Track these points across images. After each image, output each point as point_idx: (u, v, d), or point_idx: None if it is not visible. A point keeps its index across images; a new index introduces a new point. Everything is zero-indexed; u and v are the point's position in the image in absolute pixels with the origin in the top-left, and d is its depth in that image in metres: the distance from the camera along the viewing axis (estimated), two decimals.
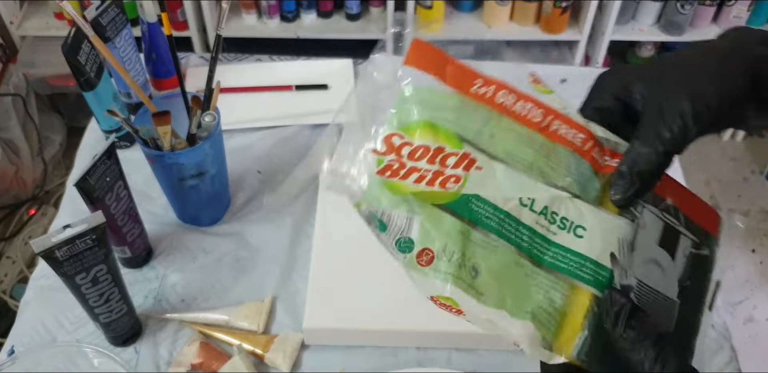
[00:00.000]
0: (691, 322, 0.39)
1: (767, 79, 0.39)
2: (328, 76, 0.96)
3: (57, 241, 0.56)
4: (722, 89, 0.37)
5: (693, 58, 0.40)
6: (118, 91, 0.84)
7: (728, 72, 0.38)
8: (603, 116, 0.41)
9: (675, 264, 0.40)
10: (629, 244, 0.39)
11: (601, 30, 1.72)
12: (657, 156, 0.37)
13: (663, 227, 0.40)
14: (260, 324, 0.69)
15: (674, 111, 0.37)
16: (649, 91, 0.39)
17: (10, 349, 0.69)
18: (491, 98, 0.39)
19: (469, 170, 0.37)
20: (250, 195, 0.82)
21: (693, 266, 0.40)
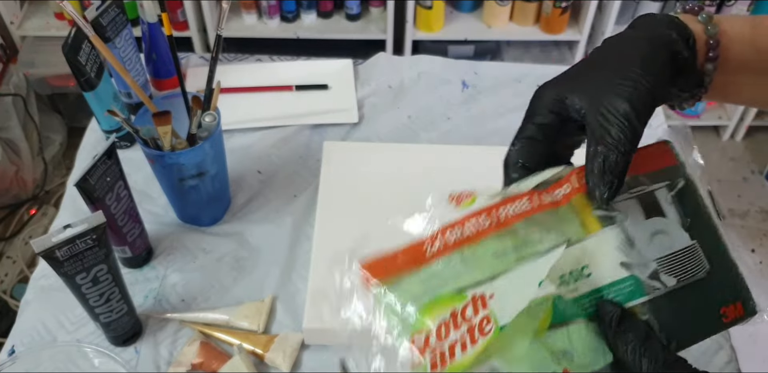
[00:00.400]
0: (716, 246, 0.41)
1: (683, 60, 0.42)
2: (328, 76, 0.96)
3: (57, 241, 0.56)
4: (653, 83, 0.39)
5: (616, 56, 0.42)
6: (118, 91, 0.84)
7: (654, 63, 0.41)
8: (545, 132, 0.43)
9: (670, 218, 0.41)
10: (628, 243, 0.39)
11: (601, 30, 1.72)
12: (621, 156, 0.39)
13: (638, 202, 0.41)
14: (260, 324, 0.69)
15: (617, 115, 0.39)
16: (585, 102, 0.41)
17: (11, 349, 0.69)
18: (446, 246, 0.40)
19: (488, 304, 0.37)
20: (251, 195, 0.82)
21: (683, 203, 0.41)
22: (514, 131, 0.87)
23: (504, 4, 1.67)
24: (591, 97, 0.40)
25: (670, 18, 0.45)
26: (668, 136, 0.96)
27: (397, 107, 0.92)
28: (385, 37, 1.70)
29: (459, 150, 0.84)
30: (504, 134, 0.90)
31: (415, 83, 0.96)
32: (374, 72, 0.97)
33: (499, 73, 0.98)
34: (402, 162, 0.81)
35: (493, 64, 1.00)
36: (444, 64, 0.98)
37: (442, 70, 0.98)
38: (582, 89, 0.41)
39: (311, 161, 0.86)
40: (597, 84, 0.41)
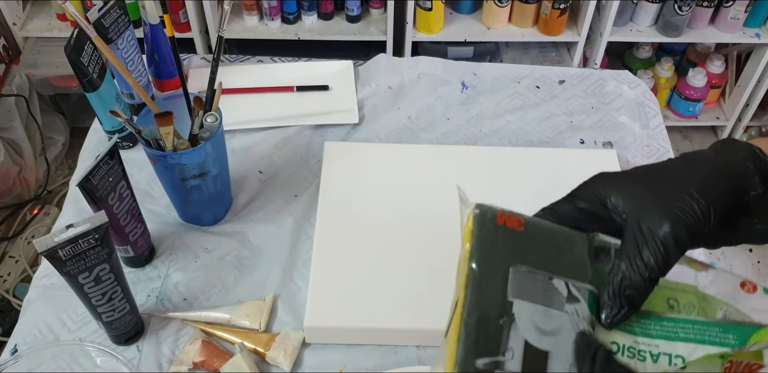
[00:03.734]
0: None
1: (755, 196, 0.38)
2: (329, 77, 0.97)
3: (60, 240, 0.57)
4: (707, 212, 0.37)
5: (680, 172, 0.39)
6: (120, 92, 0.84)
7: (714, 191, 0.37)
8: (576, 216, 0.41)
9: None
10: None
11: (599, 31, 1.73)
12: (644, 282, 0.37)
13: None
14: (262, 323, 0.70)
15: (656, 237, 0.37)
16: (629, 209, 0.38)
17: (13, 348, 0.69)
18: None
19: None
20: (252, 195, 0.82)
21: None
22: (513, 131, 0.89)
23: (503, 5, 1.68)
24: (636, 206, 0.38)
25: (751, 148, 0.41)
26: (668, 137, 0.96)
27: (397, 108, 0.93)
28: (385, 39, 1.71)
29: (459, 150, 0.85)
30: (503, 135, 0.91)
31: (415, 84, 0.96)
32: (374, 73, 0.97)
33: (498, 74, 0.99)
34: (402, 162, 0.82)
35: (493, 66, 1.00)
36: (444, 66, 0.99)
37: (442, 71, 0.98)
38: (631, 195, 0.39)
39: (312, 161, 0.86)
40: (647, 194, 0.38)
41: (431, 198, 0.78)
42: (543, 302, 0.38)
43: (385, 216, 0.76)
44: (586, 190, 0.41)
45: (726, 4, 1.69)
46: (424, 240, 0.74)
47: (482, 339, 0.37)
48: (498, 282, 0.38)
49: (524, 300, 0.38)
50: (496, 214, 0.41)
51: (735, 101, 1.89)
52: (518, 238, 0.40)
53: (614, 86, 0.97)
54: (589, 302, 0.39)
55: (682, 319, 0.40)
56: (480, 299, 0.38)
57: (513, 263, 0.39)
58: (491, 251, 0.39)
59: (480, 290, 0.38)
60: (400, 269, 0.71)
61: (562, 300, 0.39)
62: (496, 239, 0.40)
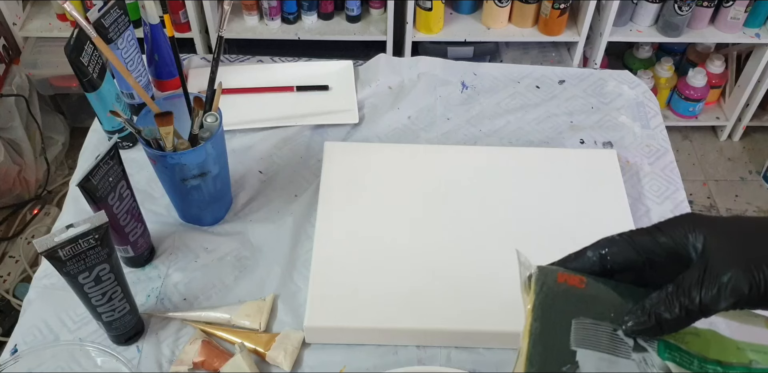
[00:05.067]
0: None
1: None
2: (329, 77, 0.97)
3: (60, 240, 0.57)
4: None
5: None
6: (120, 92, 0.84)
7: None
8: (652, 250, 0.41)
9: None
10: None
11: (599, 31, 1.73)
12: (680, 311, 0.38)
13: None
14: (261, 323, 0.70)
15: (717, 278, 0.37)
16: (707, 248, 0.38)
17: (13, 348, 0.69)
18: None
19: None
20: (252, 195, 0.82)
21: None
22: (513, 131, 0.89)
23: (503, 5, 1.68)
24: (714, 248, 0.38)
25: None
26: (668, 137, 0.96)
27: (397, 108, 0.93)
28: (385, 39, 1.71)
29: (459, 150, 0.85)
30: (503, 135, 0.91)
31: (414, 84, 0.96)
32: (374, 73, 0.97)
33: (498, 74, 0.99)
34: (402, 162, 0.82)
35: (493, 66, 1.00)
36: (443, 66, 0.99)
37: (442, 71, 0.98)
38: (715, 237, 0.39)
39: (312, 161, 0.86)
40: (730, 242, 0.38)
41: (431, 198, 0.78)
42: (608, 350, 0.39)
43: (385, 216, 0.76)
44: (672, 224, 0.41)
45: (726, 4, 1.69)
46: (424, 240, 0.74)
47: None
48: (561, 334, 0.40)
49: (588, 349, 0.39)
50: (557, 274, 0.42)
51: (735, 101, 1.89)
52: (580, 293, 0.41)
53: (614, 86, 0.97)
54: (659, 350, 0.40)
55: (746, 367, 0.40)
56: (543, 350, 0.39)
57: (576, 316, 0.40)
58: (553, 306, 0.41)
59: (542, 342, 0.39)
60: (400, 269, 0.71)
61: (629, 349, 0.40)
62: (558, 295, 0.41)
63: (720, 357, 0.41)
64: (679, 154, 1.96)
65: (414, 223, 0.76)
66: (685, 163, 1.95)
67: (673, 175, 0.85)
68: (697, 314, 0.38)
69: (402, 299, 0.69)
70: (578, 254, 0.44)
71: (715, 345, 0.41)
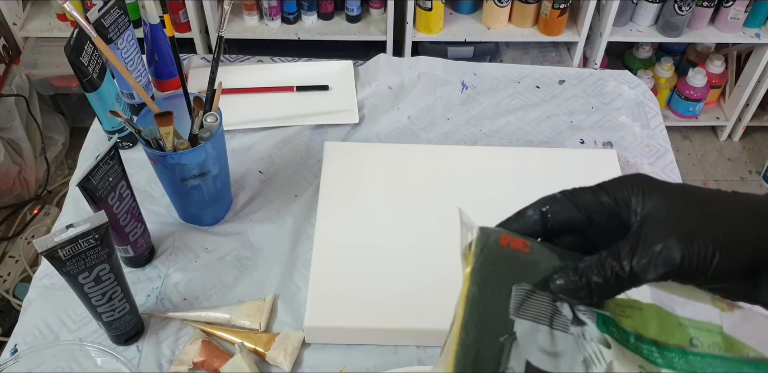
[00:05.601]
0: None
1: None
2: (329, 77, 0.97)
3: (60, 240, 0.57)
4: (711, 253, 0.35)
5: (715, 205, 0.37)
6: (120, 92, 0.84)
7: (738, 237, 0.36)
8: (593, 208, 0.39)
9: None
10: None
11: (599, 31, 1.73)
12: (610, 277, 0.36)
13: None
14: (261, 323, 0.70)
15: (651, 248, 0.36)
16: (648, 215, 0.37)
17: (13, 348, 0.69)
18: None
19: None
20: (252, 195, 0.82)
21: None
22: (513, 131, 0.88)
23: (503, 5, 1.68)
24: (655, 216, 0.36)
25: None
26: (668, 137, 0.96)
27: (397, 108, 0.93)
28: (385, 39, 1.71)
29: (459, 150, 0.85)
30: (503, 135, 0.91)
31: (414, 84, 0.96)
32: (374, 73, 0.97)
33: (498, 74, 0.99)
34: (402, 162, 0.82)
35: (492, 65, 1.00)
36: (443, 66, 0.99)
37: (442, 71, 0.98)
38: (656, 205, 0.37)
39: (312, 161, 0.86)
40: (672, 211, 0.36)
41: (431, 198, 0.78)
42: (547, 322, 0.37)
43: (385, 216, 0.76)
44: (616, 184, 0.39)
45: (726, 4, 1.69)
46: (424, 240, 0.74)
47: (480, 357, 0.36)
48: (499, 301, 0.38)
49: (526, 319, 0.37)
50: (500, 236, 0.40)
51: (735, 101, 1.89)
52: (523, 259, 0.39)
53: (614, 86, 0.97)
54: (598, 323, 0.38)
55: (710, 354, 0.38)
56: (479, 318, 0.37)
57: (517, 282, 0.38)
58: (493, 271, 0.39)
59: (479, 310, 0.37)
60: (400, 269, 0.71)
61: (567, 323, 0.38)
62: (499, 260, 0.39)
63: (659, 336, 0.39)
64: (679, 154, 1.96)
65: (414, 223, 0.76)
66: (685, 163, 1.95)
67: (673, 175, 0.85)
68: (627, 282, 0.36)
69: (402, 299, 0.69)
70: (519, 213, 0.41)
71: (656, 321, 0.39)
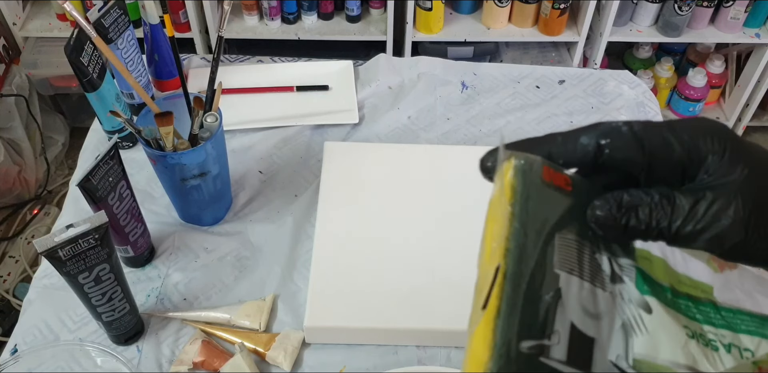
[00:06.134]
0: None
1: None
2: (329, 77, 0.97)
3: (60, 240, 0.57)
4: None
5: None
6: (120, 92, 0.84)
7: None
8: (654, 153, 0.33)
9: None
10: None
11: (599, 31, 1.73)
12: (655, 237, 0.32)
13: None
14: (261, 323, 0.70)
15: (718, 211, 0.31)
16: (724, 184, 0.32)
17: (13, 348, 0.69)
18: None
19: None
20: (252, 195, 0.82)
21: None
22: (513, 131, 0.89)
23: (503, 5, 1.68)
24: (735, 182, 0.32)
25: None
26: None
27: (397, 108, 0.93)
28: (385, 39, 1.71)
29: (459, 150, 0.85)
30: (503, 135, 0.91)
31: (414, 84, 0.96)
32: (374, 73, 0.97)
33: (498, 74, 0.99)
34: (402, 162, 0.82)
35: (492, 65, 1.00)
36: (443, 66, 0.99)
37: (442, 71, 0.98)
38: (745, 168, 0.32)
39: (312, 161, 0.86)
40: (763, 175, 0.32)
41: (431, 198, 0.78)
42: (589, 278, 0.32)
43: (385, 216, 0.76)
44: (692, 133, 0.33)
45: (726, 4, 1.69)
46: (423, 240, 0.74)
47: (527, 318, 0.30)
48: (543, 251, 0.32)
49: (571, 274, 0.32)
50: (542, 168, 0.33)
51: (735, 101, 1.89)
52: (565, 199, 0.33)
53: (614, 86, 0.97)
54: (637, 282, 0.34)
55: (739, 310, 0.35)
56: (525, 269, 0.31)
57: (559, 229, 0.32)
58: (537, 214, 0.32)
59: (525, 259, 0.31)
60: (400, 269, 0.71)
61: (606, 279, 0.33)
62: (544, 200, 0.33)
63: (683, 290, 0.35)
64: None
65: (414, 223, 0.76)
66: None
67: None
68: (669, 240, 0.32)
69: (402, 299, 0.69)
70: (567, 136, 0.35)
71: (667, 277, 0.36)
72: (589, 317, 0.31)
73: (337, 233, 0.74)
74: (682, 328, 0.34)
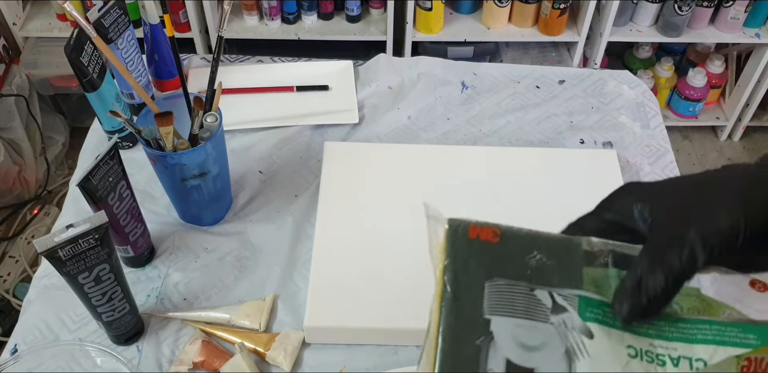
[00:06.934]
0: None
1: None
2: (329, 77, 0.97)
3: (60, 240, 0.57)
4: (737, 220, 0.35)
5: (712, 182, 0.38)
6: (120, 92, 0.84)
7: (750, 202, 0.35)
8: (603, 229, 0.40)
9: None
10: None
11: (599, 31, 1.73)
12: (666, 282, 0.36)
13: None
14: (261, 323, 0.70)
15: (684, 238, 0.35)
16: (656, 213, 0.37)
17: (13, 348, 0.69)
18: None
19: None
20: (252, 195, 0.82)
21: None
22: (513, 131, 0.88)
23: (503, 5, 1.68)
24: (664, 211, 0.37)
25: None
26: (668, 137, 0.96)
27: (397, 108, 0.93)
28: (385, 39, 1.71)
29: (459, 150, 0.85)
30: (503, 135, 0.91)
31: (414, 84, 0.96)
32: (374, 73, 0.97)
33: (498, 74, 0.99)
34: (402, 162, 0.82)
35: (492, 65, 1.00)
36: (443, 66, 0.99)
37: (442, 71, 0.98)
38: (659, 201, 0.37)
39: (312, 161, 0.86)
40: (677, 201, 0.37)
41: (431, 198, 0.78)
42: (525, 315, 0.37)
43: (385, 216, 0.76)
44: (612, 199, 0.40)
45: (726, 4, 1.69)
46: (424, 240, 0.74)
47: (459, 363, 0.35)
48: (474, 300, 0.37)
49: (503, 316, 0.36)
50: (468, 228, 0.39)
51: (735, 101, 1.89)
52: (494, 250, 0.38)
53: (614, 86, 0.97)
54: (580, 308, 0.37)
55: (698, 320, 0.38)
56: (454, 321, 0.36)
57: (489, 277, 0.37)
58: (464, 269, 0.37)
59: (454, 311, 0.36)
60: (400, 269, 0.71)
61: (547, 311, 0.37)
62: (470, 256, 0.38)
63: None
64: (679, 154, 1.96)
65: (414, 223, 0.75)
66: (685, 163, 1.94)
67: (673, 175, 0.85)
68: (682, 278, 0.36)
69: (402, 299, 0.69)
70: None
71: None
72: (526, 350, 0.35)
73: (337, 233, 0.74)
74: (625, 348, 0.37)
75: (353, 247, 0.73)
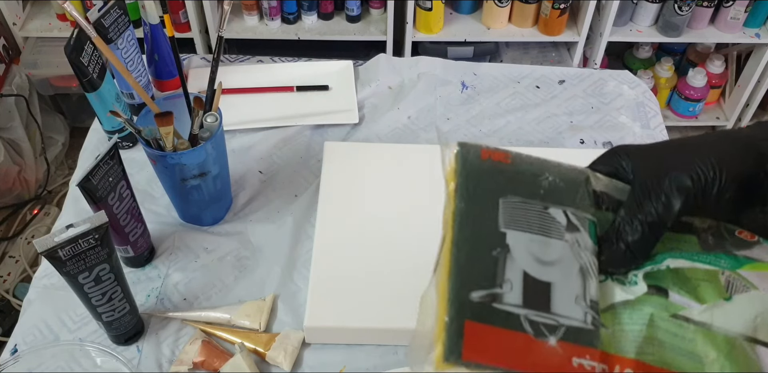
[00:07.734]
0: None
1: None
2: (329, 77, 0.97)
3: (60, 240, 0.57)
4: (713, 168, 0.37)
5: (696, 141, 0.40)
6: (120, 92, 0.84)
7: (727, 157, 0.37)
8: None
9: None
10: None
11: (599, 31, 1.73)
12: (643, 228, 0.37)
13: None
14: (261, 323, 0.70)
15: (659, 186, 0.37)
16: (637, 166, 0.39)
17: (13, 348, 0.69)
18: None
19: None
20: (252, 195, 0.82)
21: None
22: (513, 131, 0.89)
23: (503, 5, 1.68)
24: (645, 164, 0.39)
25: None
26: (668, 137, 0.96)
27: (397, 108, 0.93)
28: (385, 39, 1.71)
29: None
30: (503, 135, 0.91)
31: (414, 84, 0.96)
32: (374, 73, 0.97)
33: (498, 74, 0.99)
34: (402, 162, 0.82)
35: (492, 65, 1.00)
36: (443, 66, 0.99)
37: (442, 71, 0.98)
38: (642, 156, 0.39)
39: (312, 161, 0.86)
40: (658, 154, 0.39)
41: (431, 198, 0.78)
42: (540, 231, 0.37)
43: (385, 216, 0.76)
44: (605, 155, 0.42)
45: (726, 4, 1.69)
46: (423, 240, 0.74)
47: (475, 273, 0.35)
48: (488, 216, 0.37)
49: (518, 230, 0.37)
50: (480, 150, 0.39)
51: (735, 101, 1.89)
52: (506, 170, 0.39)
53: (614, 86, 0.97)
54: (590, 232, 0.38)
55: (696, 253, 0.39)
56: (469, 233, 0.36)
57: (503, 195, 0.38)
58: (477, 186, 0.38)
59: (468, 225, 0.36)
60: (400, 269, 0.71)
61: (561, 229, 0.37)
62: (483, 174, 0.38)
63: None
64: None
65: (414, 223, 0.75)
66: None
67: None
68: (659, 225, 0.37)
69: (402, 299, 0.69)
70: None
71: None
72: (542, 264, 0.36)
73: (337, 232, 0.74)
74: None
75: (353, 247, 0.73)
